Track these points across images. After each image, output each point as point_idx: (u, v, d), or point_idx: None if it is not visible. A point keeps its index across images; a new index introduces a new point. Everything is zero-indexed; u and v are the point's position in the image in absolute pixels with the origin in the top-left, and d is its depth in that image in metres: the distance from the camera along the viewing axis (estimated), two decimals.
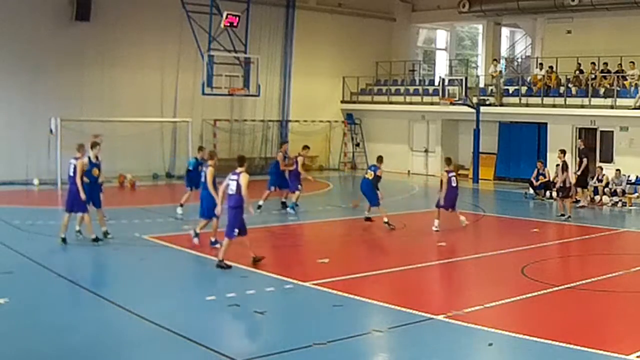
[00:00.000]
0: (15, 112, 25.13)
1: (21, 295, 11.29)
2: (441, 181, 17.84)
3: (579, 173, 22.17)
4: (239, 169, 13.10)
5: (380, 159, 18.41)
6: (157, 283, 12.79)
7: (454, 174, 18.14)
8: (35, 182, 25.17)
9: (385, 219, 17.51)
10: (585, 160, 22.32)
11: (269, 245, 15.98)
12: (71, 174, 14.74)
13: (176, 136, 28.98)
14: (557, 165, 20.96)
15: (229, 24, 25.81)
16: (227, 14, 25.64)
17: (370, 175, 18.15)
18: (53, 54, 25.73)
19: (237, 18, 25.94)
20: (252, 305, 10.74)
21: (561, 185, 20.40)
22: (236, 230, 12.98)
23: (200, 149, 19.80)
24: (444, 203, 17.69)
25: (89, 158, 15.24)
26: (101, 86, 27.01)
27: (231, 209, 13.01)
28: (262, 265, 13.53)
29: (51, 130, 24.68)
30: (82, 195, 14.58)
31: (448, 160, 18.66)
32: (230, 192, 12.98)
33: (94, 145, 15.35)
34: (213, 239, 14.79)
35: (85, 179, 14.81)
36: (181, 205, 18.56)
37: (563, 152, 21.03)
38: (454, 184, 17.89)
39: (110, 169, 26.49)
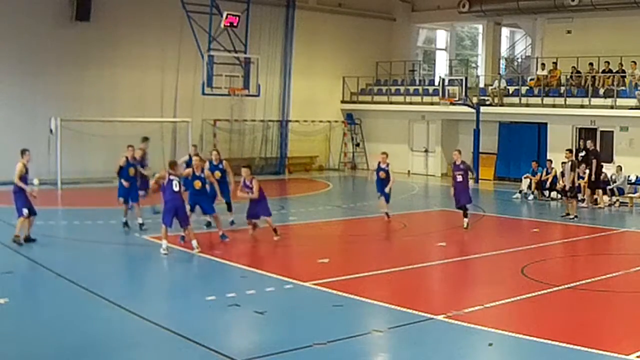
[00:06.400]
0: (15, 112, 25.12)
1: (21, 295, 11.30)
2: None
3: (585, 175, 22.04)
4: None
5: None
6: (157, 283, 12.81)
7: None
8: (35, 182, 25.06)
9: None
10: (594, 161, 22.26)
11: (269, 245, 15.99)
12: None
13: (176, 136, 28.99)
14: (564, 163, 21.12)
15: (229, 24, 25.83)
16: (227, 14, 25.66)
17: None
18: (53, 54, 25.72)
19: (237, 18, 25.96)
20: (252, 305, 10.74)
21: (570, 185, 20.39)
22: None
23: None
24: None
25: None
26: (101, 86, 27.02)
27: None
28: (262, 265, 13.55)
29: (51, 130, 24.67)
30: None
31: None
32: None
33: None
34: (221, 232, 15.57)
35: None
36: None
37: (570, 151, 21.26)
38: None
39: (110, 169, 26.62)
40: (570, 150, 21.45)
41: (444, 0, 33.49)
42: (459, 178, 17.52)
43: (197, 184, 15.23)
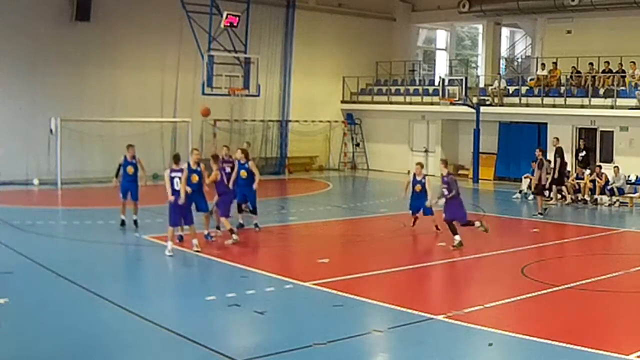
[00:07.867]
0: (15, 112, 25.12)
1: (21, 295, 11.28)
2: None
3: (555, 174, 22.10)
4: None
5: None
6: (157, 283, 12.81)
7: None
8: (35, 182, 25.18)
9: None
10: (559, 159, 22.32)
11: (268, 245, 15.99)
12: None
13: (176, 136, 28.99)
14: (533, 161, 21.29)
15: (229, 24, 25.85)
16: (227, 14, 25.68)
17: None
18: (53, 54, 25.73)
19: (237, 18, 25.98)
20: (252, 305, 10.74)
21: (537, 182, 20.52)
22: None
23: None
24: None
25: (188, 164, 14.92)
26: (101, 86, 27.03)
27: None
28: (262, 265, 13.55)
29: (51, 130, 24.69)
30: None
31: None
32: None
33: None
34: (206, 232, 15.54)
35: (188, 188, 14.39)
36: None
37: (541, 150, 21.55)
38: None
39: (110, 170, 26.62)
40: (541, 149, 21.64)
41: (444, 0, 33.50)
42: (445, 192, 15.69)
43: (194, 178, 14.86)
